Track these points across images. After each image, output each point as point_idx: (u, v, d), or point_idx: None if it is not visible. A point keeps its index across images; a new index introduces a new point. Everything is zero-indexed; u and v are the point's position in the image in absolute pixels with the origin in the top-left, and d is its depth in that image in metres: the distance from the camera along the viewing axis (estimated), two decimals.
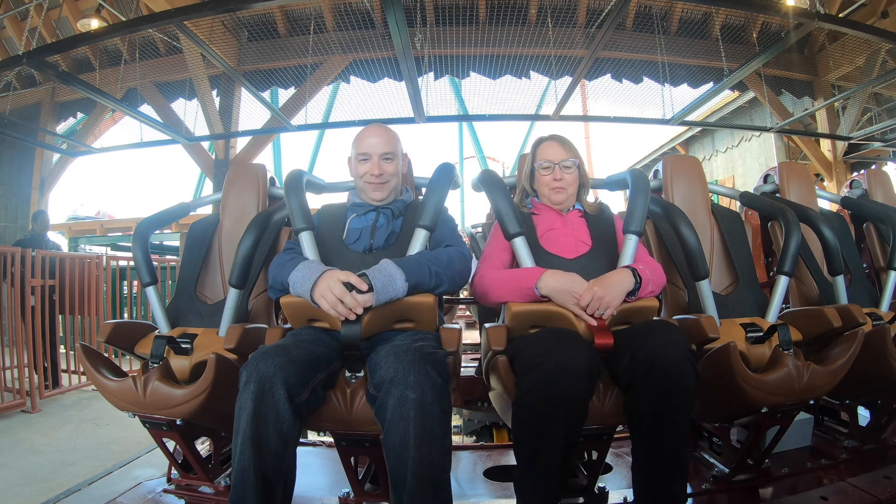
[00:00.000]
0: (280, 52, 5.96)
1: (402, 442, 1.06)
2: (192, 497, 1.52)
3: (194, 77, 5.84)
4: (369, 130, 1.55)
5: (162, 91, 6.32)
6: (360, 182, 1.55)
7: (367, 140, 1.53)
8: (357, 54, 5.73)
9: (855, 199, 2.16)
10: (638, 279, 1.34)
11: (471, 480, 1.70)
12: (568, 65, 5.77)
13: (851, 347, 1.40)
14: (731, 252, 1.78)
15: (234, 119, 6.36)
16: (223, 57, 4.52)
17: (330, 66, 5.95)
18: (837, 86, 6.17)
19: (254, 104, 5.73)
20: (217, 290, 1.74)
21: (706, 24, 5.84)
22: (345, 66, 6.02)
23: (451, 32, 5.60)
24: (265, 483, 1.07)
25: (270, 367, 1.11)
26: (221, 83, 6.28)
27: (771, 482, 1.53)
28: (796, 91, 6.76)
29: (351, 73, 6.11)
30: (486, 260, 1.54)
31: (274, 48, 5.98)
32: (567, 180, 1.59)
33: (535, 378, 1.16)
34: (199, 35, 4.31)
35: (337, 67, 5.99)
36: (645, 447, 1.21)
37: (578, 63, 5.13)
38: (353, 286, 1.21)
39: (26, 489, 1.99)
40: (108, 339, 1.49)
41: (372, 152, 1.51)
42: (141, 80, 5.80)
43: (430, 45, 5.35)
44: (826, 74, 6.27)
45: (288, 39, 6.03)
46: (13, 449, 2.52)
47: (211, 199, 1.98)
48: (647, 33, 5.79)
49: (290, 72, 6.01)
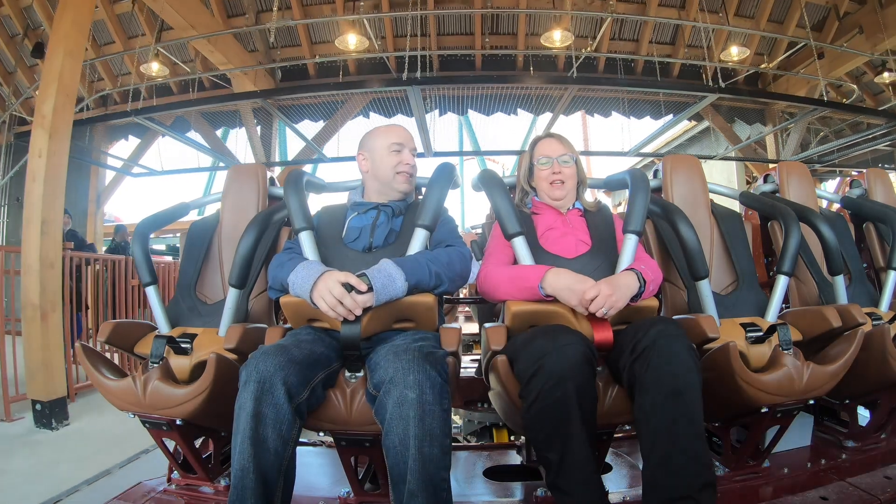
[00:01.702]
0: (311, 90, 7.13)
1: (401, 442, 1.06)
2: (192, 497, 1.52)
3: (242, 111, 7.17)
4: (395, 126, 1.59)
5: (207, 119, 7.75)
6: (389, 172, 1.54)
7: (398, 132, 1.57)
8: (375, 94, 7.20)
9: (855, 199, 2.16)
10: (642, 282, 1.34)
11: (471, 480, 1.69)
12: (548, 103, 7.45)
13: (851, 347, 1.40)
14: (731, 252, 1.78)
15: (273, 147, 7.83)
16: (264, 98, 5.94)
17: (353, 103, 7.39)
18: (789, 112, 7.47)
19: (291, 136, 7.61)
20: (217, 290, 1.74)
21: (666, 67, 6.99)
22: (365, 104, 7.47)
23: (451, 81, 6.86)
24: (265, 483, 1.07)
25: (270, 366, 1.11)
26: (262, 116, 7.56)
27: (771, 482, 1.53)
28: (748, 118, 8.03)
29: (370, 110, 7.58)
30: (490, 257, 1.54)
31: (305, 89, 7.08)
32: (566, 174, 1.60)
33: (538, 384, 1.15)
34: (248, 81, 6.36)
35: (359, 104, 7.46)
36: (653, 446, 1.12)
37: (558, 101, 6.54)
38: (352, 287, 1.21)
39: None
40: (108, 339, 1.49)
41: (405, 144, 1.55)
42: (194, 115, 7.17)
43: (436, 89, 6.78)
44: (776, 103, 7.40)
45: (317, 81, 7.34)
46: None
47: (211, 199, 1.98)
48: (615, 75, 6.95)
49: (321, 108, 7.55)
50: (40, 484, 1.94)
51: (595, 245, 1.53)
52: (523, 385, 1.20)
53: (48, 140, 2.96)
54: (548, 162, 1.61)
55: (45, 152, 2.95)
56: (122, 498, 1.52)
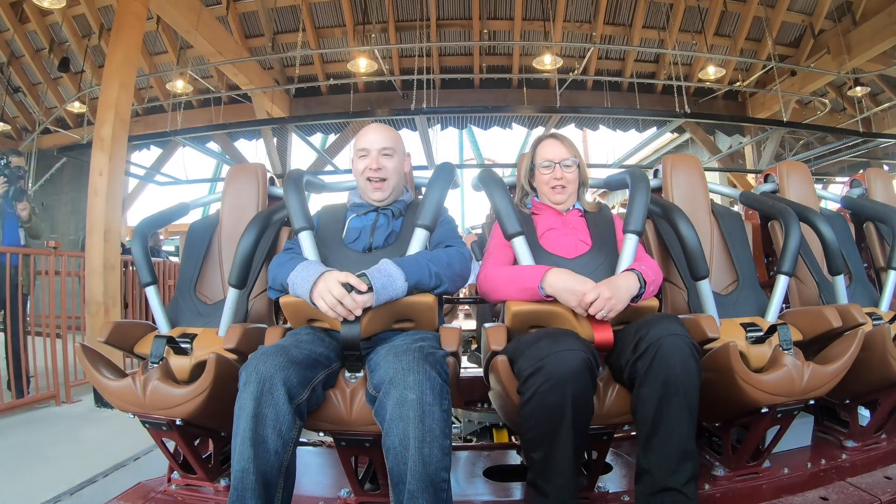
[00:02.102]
0: (322, 106, 8.05)
1: (401, 442, 1.06)
2: (192, 497, 1.52)
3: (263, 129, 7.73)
4: (368, 128, 1.55)
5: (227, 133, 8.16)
6: (360, 180, 1.54)
7: (366, 136, 1.53)
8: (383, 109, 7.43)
9: (855, 199, 2.15)
10: (643, 283, 1.34)
11: (471, 480, 1.69)
12: (540, 119, 8.04)
13: (851, 347, 1.39)
14: (732, 252, 1.78)
15: (288, 158, 8.40)
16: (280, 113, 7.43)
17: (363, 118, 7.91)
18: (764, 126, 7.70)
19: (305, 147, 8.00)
20: (217, 290, 1.74)
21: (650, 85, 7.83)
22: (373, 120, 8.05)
23: (453, 94, 7.77)
24: (265, 483, 1.07)
25: (270, 367, 1.11)
26: (278, 130, 8.08)
27: (771, 482, 1.53)
28: (727, 130, 8.75)
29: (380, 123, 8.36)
30: (490, 257, 1.54)
31: (319, 104, 8.06)
32: (567, 178, 1.59)
33: (535, 383, 1.15)
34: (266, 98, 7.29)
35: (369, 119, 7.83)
36: (649, 439, 1.19)
37: (549, 118, 7.19)
38: (352, 287, 1.20)
39: None
40: (108, 339, 1.49)
41: (371, 147, 1.51)
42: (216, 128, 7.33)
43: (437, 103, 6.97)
44: (757, 114, 7.97)
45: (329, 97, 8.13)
46: None
47: (211, 199, 1.98)
48: (602, 91, 7.58)
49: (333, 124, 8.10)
50: (114, 447, 2.24)
51: (595, 245, 1.53)
52: (522, 382, 1.20)
53: (108, 161, 3.43)
54: (550, 166, 1.60)
55: (106, 171, 3.41)
56: (122, 498, 1.52)
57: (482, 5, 6.84)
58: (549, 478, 1.17)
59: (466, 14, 7.03)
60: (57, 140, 7.93)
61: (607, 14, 6.94)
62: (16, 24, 6.82)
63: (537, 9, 6.88)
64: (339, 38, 7.20)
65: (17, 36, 6.93)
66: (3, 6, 6.56)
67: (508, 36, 7.20)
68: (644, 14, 6.87)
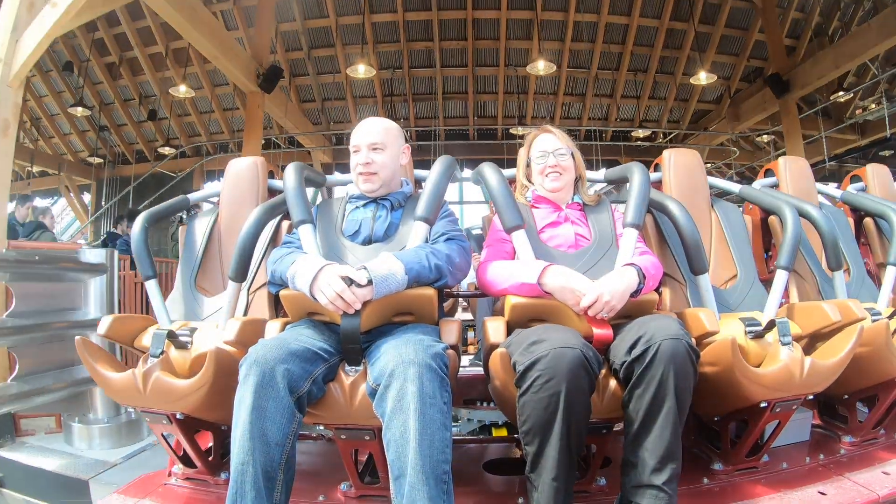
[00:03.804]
0: None
1: (402, 435, 1.06)
2: (193, 491, 1.53)
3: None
4: (361, 123, 1.56)
5: None
6: (353, 175, 1.56)
7: (357, 132, 1.54)
8: None
9: (854, 195, 2.15)
10: (641, 278, 1.34)
11: (471, 473, 1.70)
12: None
13: (850, 342, 1.39)
14: (731, 246, 1.78)
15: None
16: None
17: None
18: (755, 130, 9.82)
19: None
20: (217, 284, 1.74)
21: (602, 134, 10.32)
22: None
23: (454, 147, 10.12)
24: (265, 476, 1.08)
25: (270, 360, 1.11)
26: None
27: (769, 477, 1.53)
28: None
29: None
30: (489, 250, 1.54)
31: None
32: (562, 166, 1.59)
33: (531, 378, 1.16)
34: None
35: None
36: (638, 436, 1.21)
37: None
38: (352, 280, 1.20)
39: None
40: (108, 333, 1.49)
41: (361, 143, 1.52)
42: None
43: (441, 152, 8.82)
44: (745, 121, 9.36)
45: None
46: None
47: (211, 193, 1.98)
48: (589, 142, 9.65)
49: None
50: None
51: (595, 239, 1.53)
52: (519, 374, 1.20)
53: None
54: (544, 155, 1.61)
55: None
56: (123, 492, 1.52)
57: (476, 83, 10.04)
58: (541, 473, 1.18)
59: (463, 89, 10.23)
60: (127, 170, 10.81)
61: (567, 87, 10.21)
62: (109, 80, 9.66)
63: (515, 85, 10.09)
64: (371, 105, 10.23)
65: (108, 87, 9.73)
66: (100, 66, 9.27)
67: (493, 106, 10.57)
68: (593, 86, 10.05)
